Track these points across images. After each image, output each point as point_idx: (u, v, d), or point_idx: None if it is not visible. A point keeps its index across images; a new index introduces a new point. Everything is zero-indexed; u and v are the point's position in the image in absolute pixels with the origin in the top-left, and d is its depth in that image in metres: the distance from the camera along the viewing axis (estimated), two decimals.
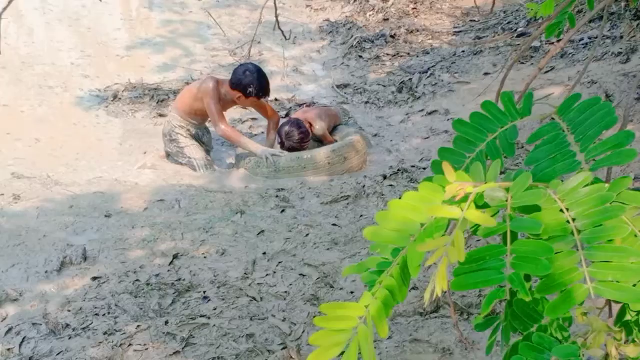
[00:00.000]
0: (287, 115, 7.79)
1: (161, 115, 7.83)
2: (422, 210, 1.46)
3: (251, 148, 6.57)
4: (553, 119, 1.74)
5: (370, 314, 1.41)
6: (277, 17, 4.53)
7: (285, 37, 6.10)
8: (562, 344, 1.53)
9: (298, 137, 6.73)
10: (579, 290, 1.39)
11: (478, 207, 1.45)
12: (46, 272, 4.60)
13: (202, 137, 6.95)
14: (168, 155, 6.92)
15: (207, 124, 7.07)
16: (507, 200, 1.46)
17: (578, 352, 1.45)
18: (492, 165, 1.60)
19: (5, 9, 2.84)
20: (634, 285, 1.38)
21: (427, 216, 1.47)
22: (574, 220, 1.45)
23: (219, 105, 6.61)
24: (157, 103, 8.10)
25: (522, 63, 7.96)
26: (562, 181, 1.55)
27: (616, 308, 1.58)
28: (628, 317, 1.54)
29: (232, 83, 6.63)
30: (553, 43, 8.35)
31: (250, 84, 6.54)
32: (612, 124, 1.66)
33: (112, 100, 8.11)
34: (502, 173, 1.62)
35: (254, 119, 7.81)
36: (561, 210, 1.47)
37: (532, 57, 8.20)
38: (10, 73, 8.47)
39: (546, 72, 7.72)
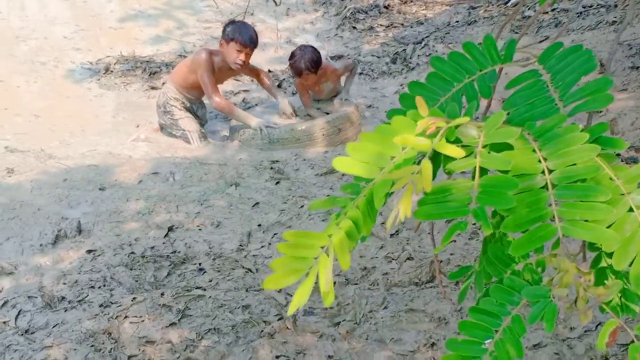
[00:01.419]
0: (279, 85, 7.75)
1: (153, 88, 7.80)
2: (393, 143, 1.45)
3: (245, 120, 6.55)
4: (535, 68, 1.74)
5: (333, 243, 1.40)
6: None
7: (275, 2, 6.06)
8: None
9: (310, 55, 6.71)
10: (546, 229, 1.38)
11: (450, 143, 1.44)
12: (41, 245, 4.60)
13: (196, 111, 6.91)
14: (162, 127, 6.90)
15: (203, 99, 7.04)
16: (479, 138, 1.46)
17: (547, 294, 1.45)
18: (469, 105, 1.59)
19: None
20: (608, 227, 1.38)
21: (397, 149, 1.46)
22: (545, 159, 1.44)
23: (212, 76, 6.57)
24: (149, 75, 8.07)
25: (516, 32, 7.92)
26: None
27: (591, 256, 1.58)
28: (603, 264, 1.54)
29: (221, 37, 6.62)
30: (547, 12, 8.31)
31: (229, 27, 6.53)
32: (590, 69, 1.66)
33: (104, 73, 8.08)
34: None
35: (246, 91, 7.78)
36: (534, 150, 1.47)
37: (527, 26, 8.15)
38: (3, 47, 8.42)
39: (540, 42, 7.68)
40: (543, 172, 1.43)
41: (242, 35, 6.51)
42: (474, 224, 4.15)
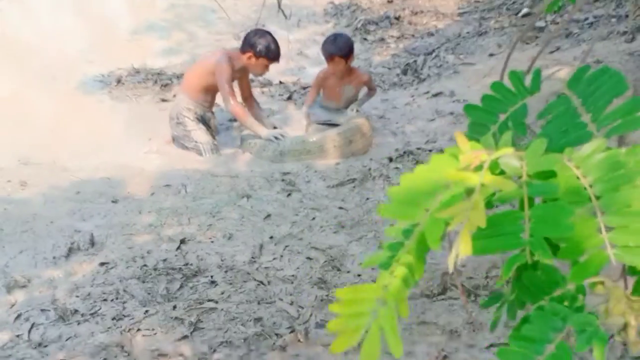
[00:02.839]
0: (289, 98, 7.78)
1: (164, 100, 7.83)
2: (436, 182, 1.44)
3: (257, 130, 6.58)
4: (563, 93, 1.74)
5: (391, 293, 1.37)
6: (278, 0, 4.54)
7: (285, 16, 6.12)
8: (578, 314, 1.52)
9: (345, 40, 6.82)
10: (600, 256, 1.38)
11: (493, 175, 1.44)
12: (54, 258, 4.61)
13: (208, 121, 6.94)
14: (174, 139, 6.93)
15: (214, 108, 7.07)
16: (522, 167, 1.46)
17: (596, 322, 1.44)
18: (504, 135, 1.59)
19: None
20: None
21: (442, 187, 1.45)
22: (590, 186, 1.44)
23: (231, 80, 6.63)
24: (161, 88, 8.10)
25: (527, 43, 7.94)
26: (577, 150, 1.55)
27: (630, 281, 1.58)
28: None
29: (243, 45, 6.68)
30: (558, 23, 8.32)
31: (260, 42, 6.58)
32: (622, 91, 1.65)
33: (115, 85, 8.12)
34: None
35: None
36: (577, 177, 1.46)
37: (537, 37, 8.17)
38: (17, 61, 8.47)
39: (552, 52, 7.69)
40: (590, 199, 1.43)
41: (274, 53, 6.66)
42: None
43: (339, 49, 6.70)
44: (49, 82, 8.07)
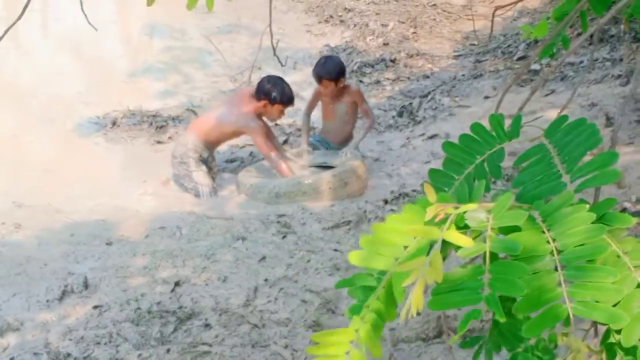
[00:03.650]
0: (285, 141, 7.79)
1: (159, 142, 7.84)
2: (406, 233, 1.47)
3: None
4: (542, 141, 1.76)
5: (361, 337, 1.44)
6: (272, 44, 4.56)
7: (281, 63, 6.17)
8: None
9: (334, 63, 6.91)
10: (558, 310, 1.40)
11: (460, 228, 1.46)
12: (47, 301, 4.59)
13: (210, 163, 6.96)
14: (174, 178, 6.94)
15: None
16: (487, 221, 1.47)
17: None
18: (476, 186, 1.61)
19: (0, 38, 2.85)
20: (614, 306, 1.39)
21: (409, 238, 1.49)
22: (554, 240, 1.46)
23: (266, 139, 6.83)
24: (156, 130, 8.11)
25: (522, 86, 7.97)
26: (546, 202, 1.56)
27: (602, 330, 1.58)
28: (612, 339, 1.54)
29: (257, 92, 6.80)
30: (550, 66, 8.37)
31: (274, 89, 6.71)
32: (596, 144, 1.68)
33: (110, 127, 8.13)
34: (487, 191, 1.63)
35: (251, 145, 7.81)
36: (542, 231, 1.48)
37: (531, 80, 8.20)
38: (15, 102, 8.50)
39: (546, 95, 7.73)
40: (552, 252, 1.44)
41: (288, 97, 6.84)
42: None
43: (327, 73, 6.80)
44: (46, 124, 8.09)
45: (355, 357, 1.41)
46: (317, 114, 7.52)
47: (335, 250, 5.36)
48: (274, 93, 6.67)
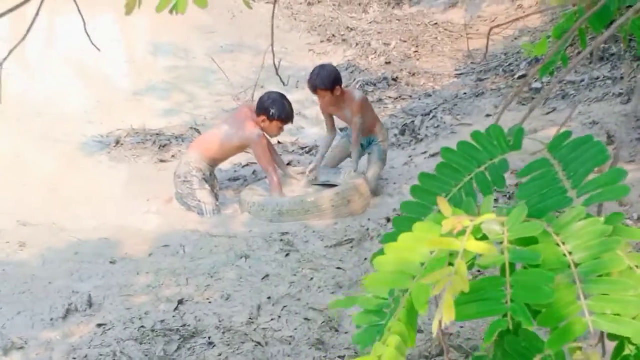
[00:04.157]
0: (288, 164, 7.83)
1: (163, 161, 7.87)
2: (420, 249, 1.47)
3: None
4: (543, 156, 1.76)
5: None
6: (275, 64, 4.59)
7: (283, 83, 6.20)
8: None
9: (327, 72, 6.80)
10: (579, 323, 1.40)
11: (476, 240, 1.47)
12: (51, 319, 4.60)
13: (212, 181, 6.99)
14: (177, 197, 6.96)
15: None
16: (503, 233, 1.48)
17: None
18: (485, 200, 1.62)
19: (5, 59, 2.89)
20: (634, 319, 1.39)
21: (426, 254, 1.48)
22: (570, 253, 1.46)
23: (267, 151, 6.85)
24: (159, 148, 8.14)
25: (523, 104, 8.00)
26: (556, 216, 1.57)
27: (609, 345, 1.59)
28: (627, 352, 1.55)
29: (257, 109, 6.84)
30: (549, 84, 8.40)
31: (273, 105, 6.74)
32: (603, 161, 1.69)
33: (114, 146, 8.16)
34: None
35: (254, 164, 7.82)
36: (557, 244, 1.48)
37: (533, 98, 8.23)
38: (21, 122, 8.52)
39: (548, 113, 7.76)
40: (569, 265, 1.45)
41: (287, 114, 6.85)
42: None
43: (321, 83, 6.73)
44: (50, 143, 8.12)
45: None
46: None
47: (338, 268, 5.38)
48: (272, 110, 6.71)
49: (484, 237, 1.49)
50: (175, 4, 2.26)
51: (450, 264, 1.41)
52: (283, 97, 6.81)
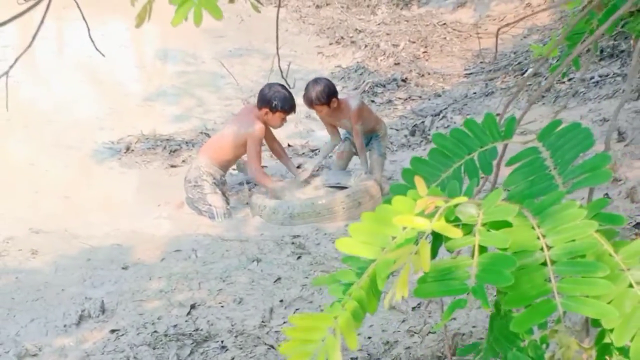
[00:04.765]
0: (298, 166, 7.83)
1: (173, 166, 7.88)
2: (394, 223, 1.48)
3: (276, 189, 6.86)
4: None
5: (339, 325, 1.43)
6: (280, 67, 4.59)
7: (289, 85, 6.19)
8: None
9: (321, 87, 6.78)
10: (547, 305, 1.41)
11: (449, 222, 1.47)
12: (65, 326, 4.62)
13: (222, 185, 7.00)
14: (187, 201, 6.98)
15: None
16: (478, 215, 1.49)
17: None
18: (469, 183, 1.63)
19: (11, 66, 2.90)
20: (597, 299, 1.40)
21: (398, 229, 1.49)
22: (544, 236, 1.47)
23: (260, 147, 6.85)
24: (170, 153, 8.15)
25: (533, 102, 7.98)
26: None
27: (594, 331, 1.59)
28: (607, 340, 1.55)
29: (258, 101, 6.84)
30: (563, 82, 8.39)
31: (274, 97, 6.73)
32: (588, 147, 1.70)
33: (124, 152, 8.18)
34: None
35: (264, 167, 7.84)
36: (532, 227, 1.49)
37: (543, 96, 8.22)
38: (32, 129, 8.57)
39: (557, 111, 7.74)
40: (542, 248, 1.46)
41: (289, 104, 6.83)
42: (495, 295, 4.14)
43: (316, 98, 6.73)
44: (62, 150, 8.15)
45: (330, 344, 1.39)
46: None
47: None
48: (275, 101, 6.70)
49: (457, 220, 1.51)
50: (193, 17, 2.28)
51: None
52: (283, 87, 6.76)
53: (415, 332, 4.43)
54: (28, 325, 4.63)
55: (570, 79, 8.42)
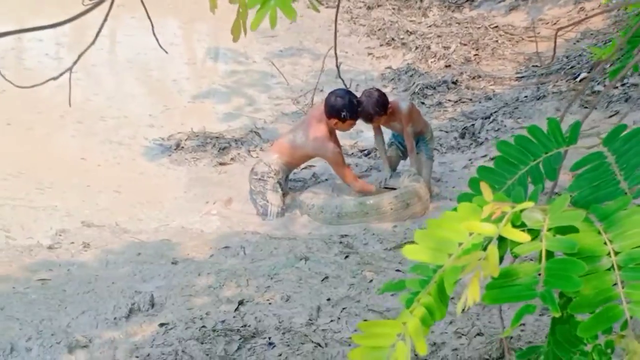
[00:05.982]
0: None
1: (222, 164, 7.93)
2: (460, 229, 1.48)
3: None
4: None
5: (408, 331, 1.42)
6: (337, 66, 4.59)
7: (345, 85, 6.18)
8: None
9: (376, 99, 6.76)
10: (614, 311, 1.39)
11: (515, 227, 1.47)
12: (115, 318, 4.67)
13: (285, 186, 7.07)
14: (250, 191, 7.08)
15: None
16: (544, 221, 1.48)
17: None
18: (534, 189, 1.62)
19: (74, 63, 2.95)
20: None
21: (465, 235, 1.49)
22: (611, 242, 1.45)
23: (342, 158, 6.94)
24: (219, 151, 8.20)
25: (586, 107, 7.90)
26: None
27: None
28: None
29: (326, 112, 6.83)
30: (616, 87, 8.27)
31: (342, 107, 6.72)
32: None
33: (174, 149, 8.25)
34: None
35: (312, 166, 7.84)
36: (598, 232, 1.48)
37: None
38: (86, 126, 8.68)
39: (610, 117, 7.65)
40: (609, 254, 1.44)
41: (357, 112, 6.81)
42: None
43: (376, 112, 6.76)
44: (114, 146, 8.26)
45: (401, 350, 1.39)
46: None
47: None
48: (344, 112, 6.70)
49: (524, 225, 1.50)
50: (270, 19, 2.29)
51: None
52: (349, 93, 6.80)
53: (462, 334, 4.40)
54: (79, 317, 4.68)
55: (623, 84, 8.30)
